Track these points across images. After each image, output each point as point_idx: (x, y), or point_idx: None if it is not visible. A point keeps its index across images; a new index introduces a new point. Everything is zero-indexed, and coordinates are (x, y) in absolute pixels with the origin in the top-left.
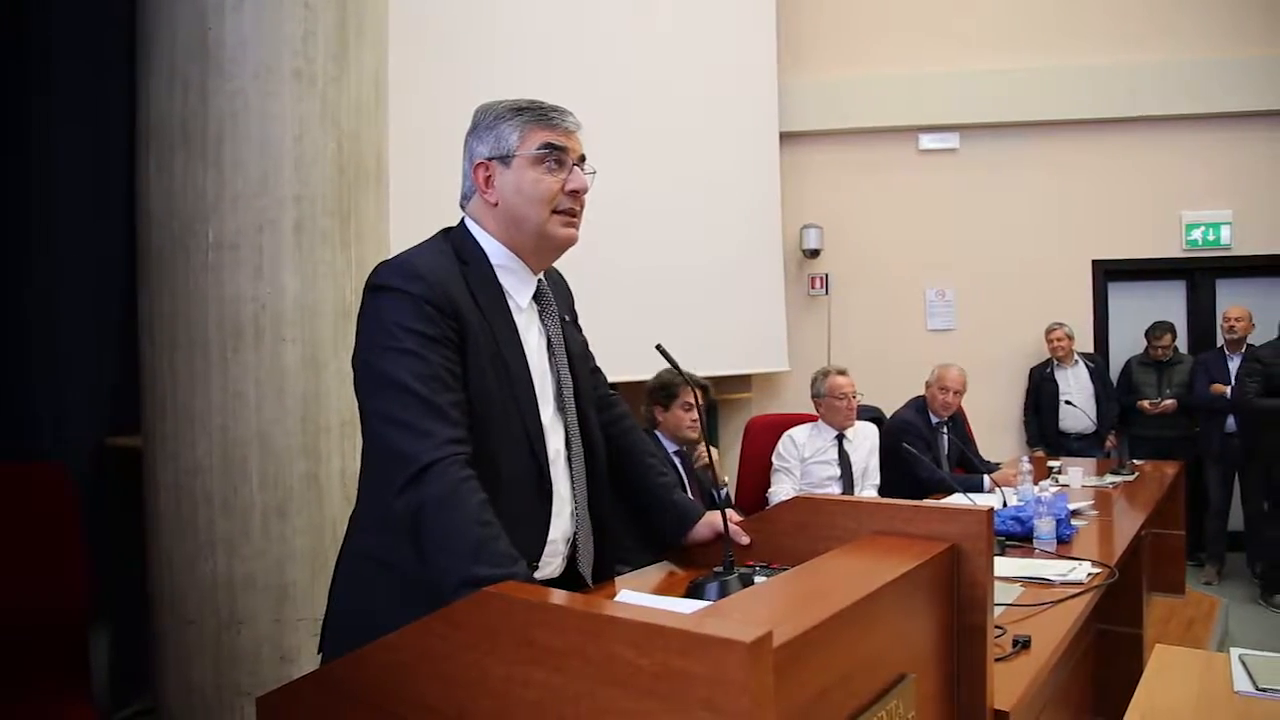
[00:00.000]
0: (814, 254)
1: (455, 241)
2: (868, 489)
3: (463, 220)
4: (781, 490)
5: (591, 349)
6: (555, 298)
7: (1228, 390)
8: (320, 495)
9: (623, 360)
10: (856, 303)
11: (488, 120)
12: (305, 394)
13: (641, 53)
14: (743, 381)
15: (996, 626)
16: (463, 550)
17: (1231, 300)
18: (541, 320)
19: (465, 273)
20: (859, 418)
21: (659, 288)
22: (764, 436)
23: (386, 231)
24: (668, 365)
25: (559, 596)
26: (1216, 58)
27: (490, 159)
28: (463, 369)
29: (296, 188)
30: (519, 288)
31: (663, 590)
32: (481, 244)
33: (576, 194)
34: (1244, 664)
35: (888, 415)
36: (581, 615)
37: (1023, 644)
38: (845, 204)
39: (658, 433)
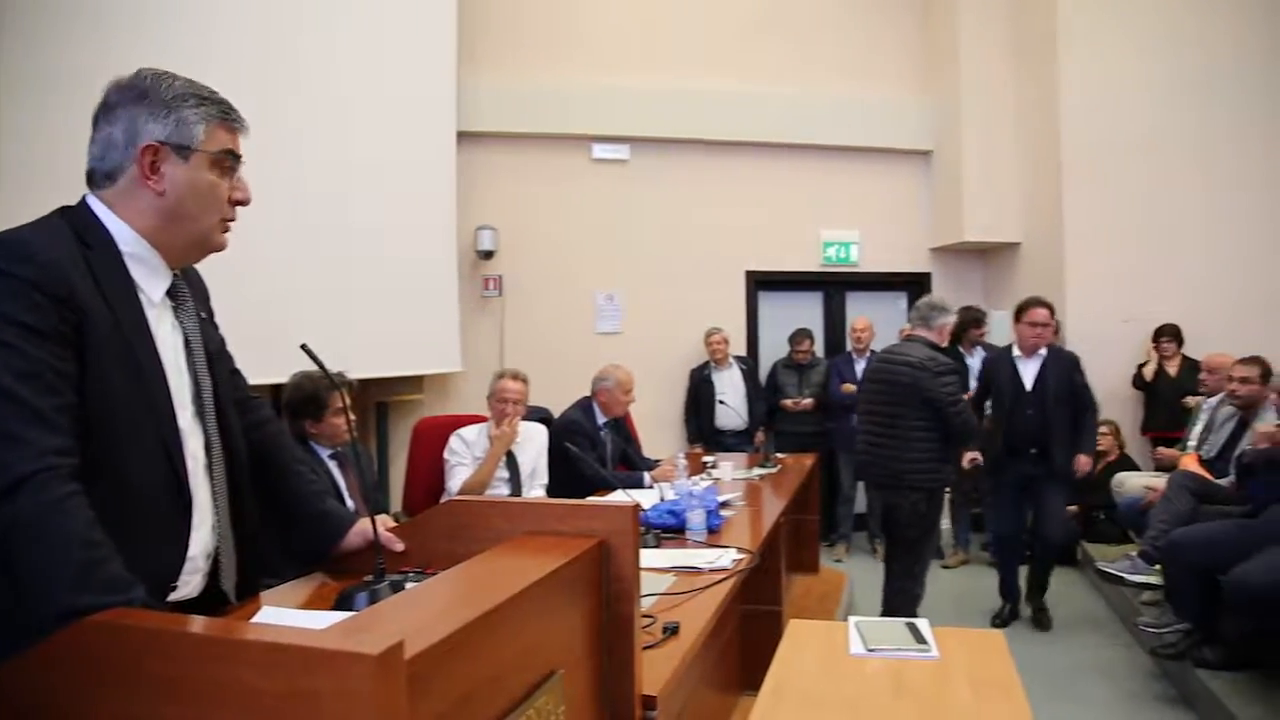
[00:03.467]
0: (488, 255)
1: (76, 223)
2: (536, 489)
3: (84, 200)
4: (459, 485)
5: (258, 350)
6: (190, 293)
7: (855, 389)
8: None
9: (285, 361)
10: (529, 304)
11: (164, 97)
12: None
13: (312, 41)
14: (414, 382)
15: (647, 616)
16: (63, 577)
17: (859, 310)
18: (176, 317)
19: (89, 258)
20: (528, 418)
21: (327, 287)
22: (433, 438)
23: None
24: (315, 367)
25: (174, 621)
26: (854, 96)
27: (166, 143)
28: (80, 367)
29: None
30: (152, 280)
31: (311, 604)
32: (110, 229)
33: (239, 204)
34: (858, 629)
35: (557, 415)
36: (199, 640)
37: (671, 630)
38: (521, 207)
39: (311, 442)
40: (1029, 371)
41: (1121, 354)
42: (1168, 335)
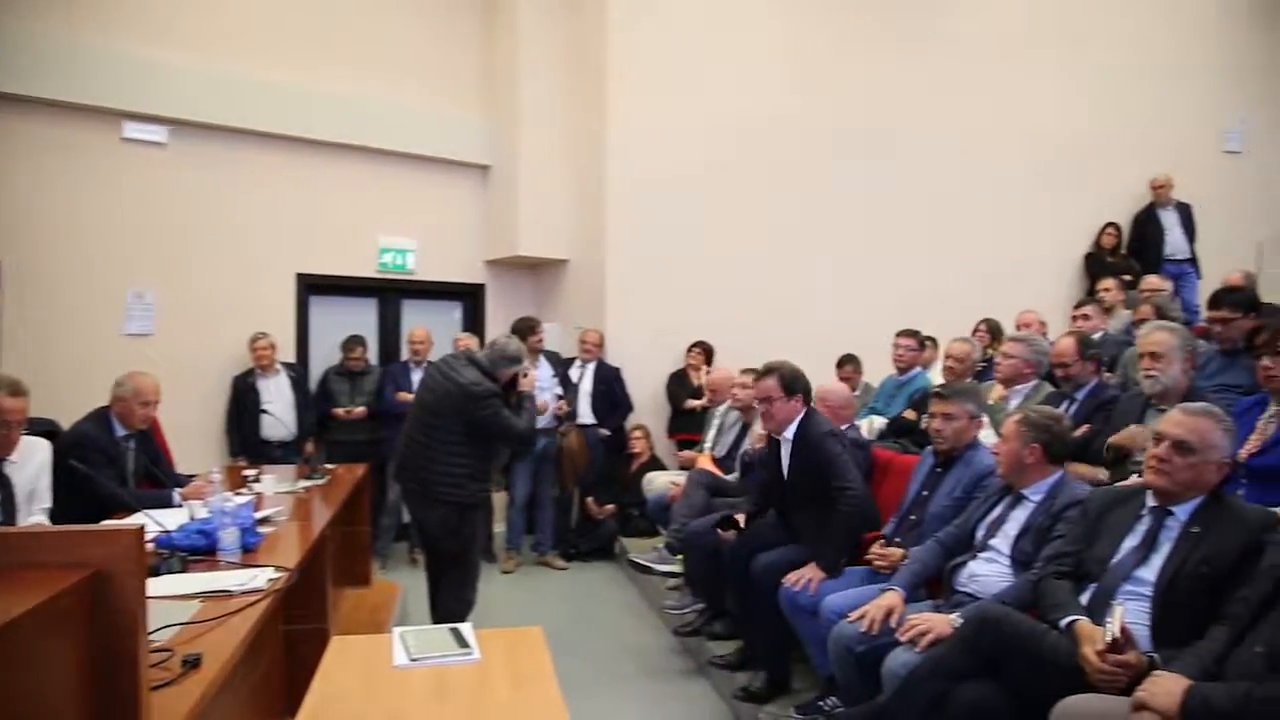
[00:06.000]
0: None
1: None
2: (36, 514)
3: None
4: None
5: None
6: None
7: (410, 398)
8: None
9: None
10: (37, 298)
11: None
12: None
13: None
14: None
15: (163, 649)
16: None
17: (414, 318)
18: None
19: None
20: (29, 431)
21: None
22: None
23: None
24: None
25: None
26: (416, 105)
27: None
28: None
29: None
30: None
31: None
32: None
33: None
34: (402, 640)
35: (66, 428)
36: None
37: (192, 663)
38: (28, 184)
39: None
40: (785, 450)
41: (655, 364)
42: (699, 348)
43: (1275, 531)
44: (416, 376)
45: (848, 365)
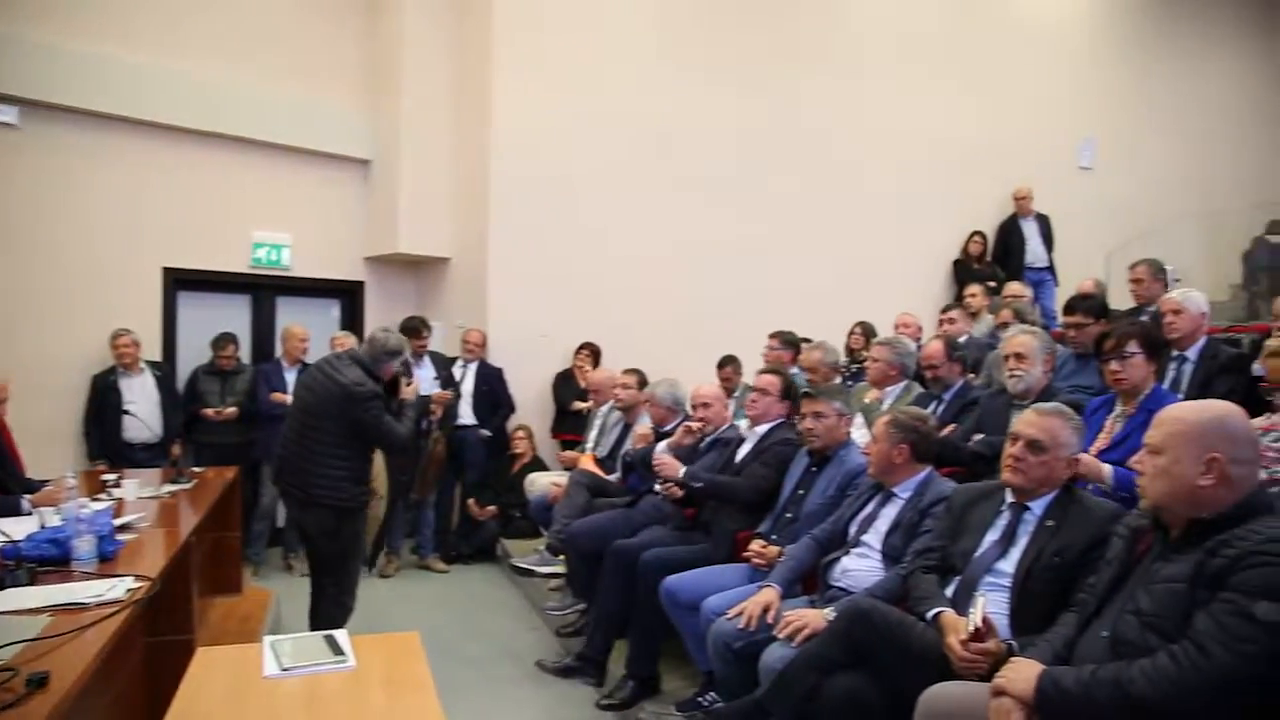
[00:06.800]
0: None
1: None
2: None
3: None
4: None
5: None
6: None
7: (288, 399)
8: None
9: None
10: None
11: None
12: None
13: None
14: None
15: (7, 669)
16: None
17: (289, 316)
18: None
19: None
20: None
21: None
22: None
23: None
24: None
25: None
26: (294, 95)
27: None
28: None
29: None
30: None
31: None
32: None
33: None
34: (273, 649)
35: None
36: None
37: (38, 682)
38: None
39: None
40: (748, 444)
41: (538, 365)
42: (586, 350)
43: (1119, 523)
44: (291, 376)
45: (728, 366)
